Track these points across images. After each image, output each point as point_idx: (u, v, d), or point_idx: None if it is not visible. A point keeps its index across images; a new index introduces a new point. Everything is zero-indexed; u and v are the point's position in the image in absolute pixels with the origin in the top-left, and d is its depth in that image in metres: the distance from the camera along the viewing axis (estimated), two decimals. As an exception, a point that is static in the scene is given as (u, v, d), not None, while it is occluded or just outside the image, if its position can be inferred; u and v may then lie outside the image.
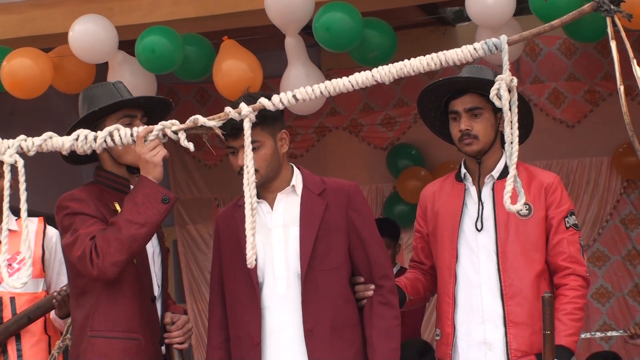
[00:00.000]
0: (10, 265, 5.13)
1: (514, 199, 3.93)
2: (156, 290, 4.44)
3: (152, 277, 4.42)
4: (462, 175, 4.72)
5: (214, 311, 4.50)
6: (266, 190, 4.39)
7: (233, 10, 6.50)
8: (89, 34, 6.35)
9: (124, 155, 4.34)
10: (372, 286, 4.37)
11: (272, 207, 4.39)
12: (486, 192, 4.64)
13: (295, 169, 4.47)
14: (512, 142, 3.98)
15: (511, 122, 3.98)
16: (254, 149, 4.21)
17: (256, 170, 4.23)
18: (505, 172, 4.60)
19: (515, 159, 3.96)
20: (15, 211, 4.83)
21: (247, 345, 4.32)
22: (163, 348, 4.46)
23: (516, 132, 3.99)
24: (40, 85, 6.60)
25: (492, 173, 4.64)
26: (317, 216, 4.31)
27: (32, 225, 5.30)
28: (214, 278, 4.52)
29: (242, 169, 4.22)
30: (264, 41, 6.89)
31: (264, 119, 4.21)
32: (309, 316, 4.27)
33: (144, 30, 6.35)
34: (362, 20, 6.14)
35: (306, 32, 6.33)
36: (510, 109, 3.97)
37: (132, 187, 4.38)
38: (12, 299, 5.22)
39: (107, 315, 4.29)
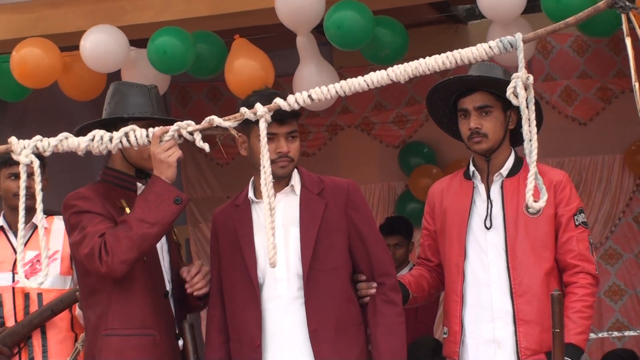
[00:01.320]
0: (39, 261, 5.17)
1: (536, 196, 3.92)
2: (168, 286, 4.45)
3: (162, 273, 4.44)
4: (471, 173, 4.71)
5: (212, 313, 4.47)
6: None
7: (244, 8, 6.51)
8: (100, 45, 6.37)
9: (134, 157, 4.38)
10: (375, 284, 4.37)
11: None
12: (495, 190, 4.64)
13: None
14: (530, 140, 3.98)
15: (529, 119, 3.98)
16: (293, 138, 4.30)
17: (292, 160, 4.30)
18: (514, 170, 4.61)
19: (534, 156, 3.94)
20: (45, 210, 4.87)
21: (247, 349, 4.31)
22: (180, 343, 4.46)
23: (534, 130, 3.96)
24: (49, 75, 6.60)
25: (501, 171, 4.63)
26: (317, 216, 4.31)
27: (60, 223, 5.34)
28: (213, 280, 4.47)
29: (281, 156, 4.27)
30: (275, 39, 6.90)
31: (297, 113, 4.24)
32: (312, 317, 4.26)
33: (156, 29, 6.37)
34: (373, 18, 6.14)
35: (318, 30, 6.34)
36: (527, 107, 3.98)
37: (138, 184, 4.43)
38: (40, 295, 5.28)
39: (120, 313, 4.31)
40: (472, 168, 4.72)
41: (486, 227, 4.60)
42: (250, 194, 4.41)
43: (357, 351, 4.33)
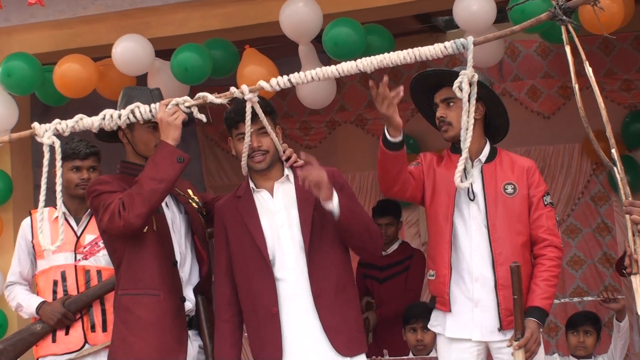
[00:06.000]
0: (97, 244, 5.16)
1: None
2: (177, 256, 4.43)
3: (172, 244, 4.42)
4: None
5: (221, 291, 4.39)
6: (264, 178, 4.37)
7: (253, 22, 6.48)
8: (129, 51, 6.33)
9: (143, 150, 4.42)
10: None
11: (271, 194, 4.35)
12: (475, 173, 4.52)
13: None
14: (467, 129, 3.99)
15: (468, 111, 3.98)
16: (264, 134, 4.29)
17: (267, 152, 4.31)
18: (491, 157, 4.57)
19: (468, 143, 4.01)
20: None
21: (264, 316, 4.26)
22: (188, 304, 4.45)
23: (472, 120, 4.03)
24: (86, 86, 6.57)
25: (480, 157, 4.55)
26: (311, 196, 4.25)
27: None
28: (221, 262, 4.40)
29: (254, 150, 4.27)
30: (280, 49, 6.86)
31: (270, 111, 4.30)
32: (316, 282, 4.24)
33: (177, 41, 6.33)
34: (364, 33, 6.10)
35: (318, 40, 6.30)
36: (469, 101, 3.98)
37: None
38: (99, 272, 5.22)
39: (131, 277, 4.36)
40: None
41: (470, 198, 4.55)
42: (252, 185, 4.40)
43: (354, 308, 4.34)
